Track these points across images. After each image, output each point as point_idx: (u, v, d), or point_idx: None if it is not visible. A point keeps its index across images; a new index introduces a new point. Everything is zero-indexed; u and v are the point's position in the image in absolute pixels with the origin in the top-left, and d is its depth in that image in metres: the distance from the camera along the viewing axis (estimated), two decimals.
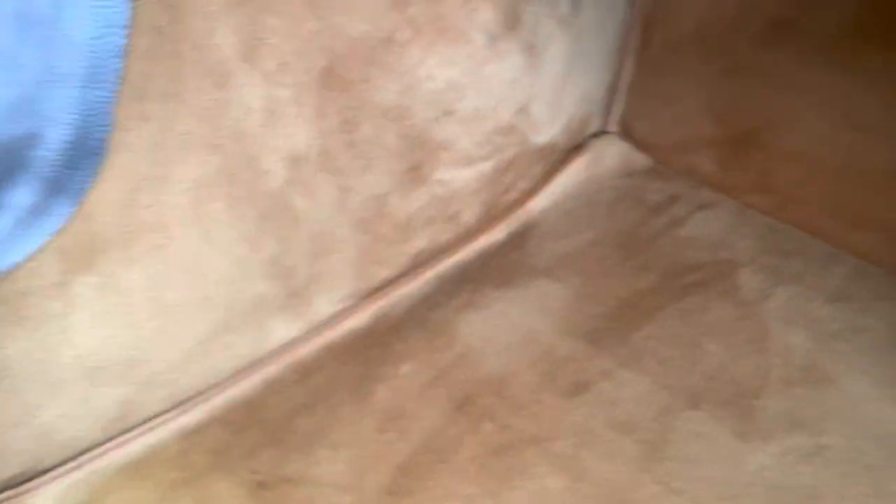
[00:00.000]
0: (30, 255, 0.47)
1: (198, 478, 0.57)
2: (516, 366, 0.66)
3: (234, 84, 0.51)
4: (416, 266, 0.72)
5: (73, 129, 0.45)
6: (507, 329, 0.69)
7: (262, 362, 0.63)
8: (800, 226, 0.79)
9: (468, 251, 0.75)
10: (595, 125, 0.86)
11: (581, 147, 0.85)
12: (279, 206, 0.58)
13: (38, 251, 0.47)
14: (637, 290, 0.73)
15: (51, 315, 0.49)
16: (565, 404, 0.63)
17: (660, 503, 0.56)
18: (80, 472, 0.55)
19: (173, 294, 0.55)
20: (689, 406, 0.63)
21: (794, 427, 0.62)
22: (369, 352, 0.67)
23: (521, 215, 0.80)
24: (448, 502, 0.55)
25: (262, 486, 0.57)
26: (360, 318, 0.68)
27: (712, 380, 0.65)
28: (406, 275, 0.71)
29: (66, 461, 0.55)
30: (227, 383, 0.61)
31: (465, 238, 0.76)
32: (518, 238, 0.78)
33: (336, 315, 0.67)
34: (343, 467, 0.58)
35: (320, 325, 0.66)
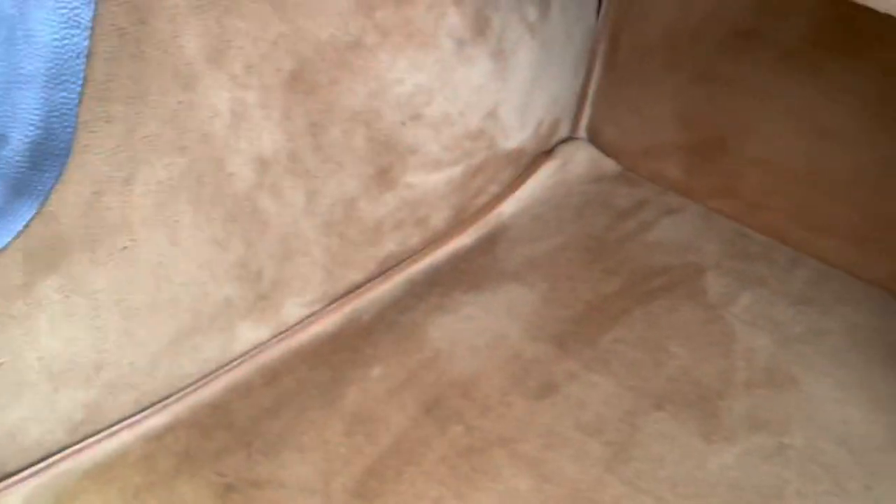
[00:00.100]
0: None
1: (164, 481, 0.56)
2: (485, 369, 0.66)
3: (199, 86, 0.51)
4: (385, 270, 0.72)
5: (37, 130, 0.45)
6: (476, 332, 0.70)
7: (230, 366, 0.63)
8: (764, 231, 0.81)
9: (438, 255, 0.76)
10: (564, 131, 0.87)
11: (550, 152, 0.86)
12: (246, 208, 0.58)
13: (1, 252, 0.46)
14: (604, 294, 0.74)
15: (14, 316, 0.49)
16: (533, 406, 0.64)
17: (625, 503, 0.57)
18: (45, 476, 0.54)
19: (139, 296, 0.55)
20: (655, 407, 0.64)
21: (757, 427, 0.63)
22: (338, 355, 0.67)
23: (491, 220, 0.80)
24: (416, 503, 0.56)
25: (229, 489, 0.56)
26: (329, 322, 0.69)
27: (677, 382, 0.66)
28: (375, 278, 0.72)
29: (31, 464, 0.54)
30: (193, 387, 0.61)
31: (434, 242, 0.76)
32: (487, 242, 0.79)
33: (305, 318, 0.67)
34: (310, 470, 0.58)
35: (289, 329, 0.66)
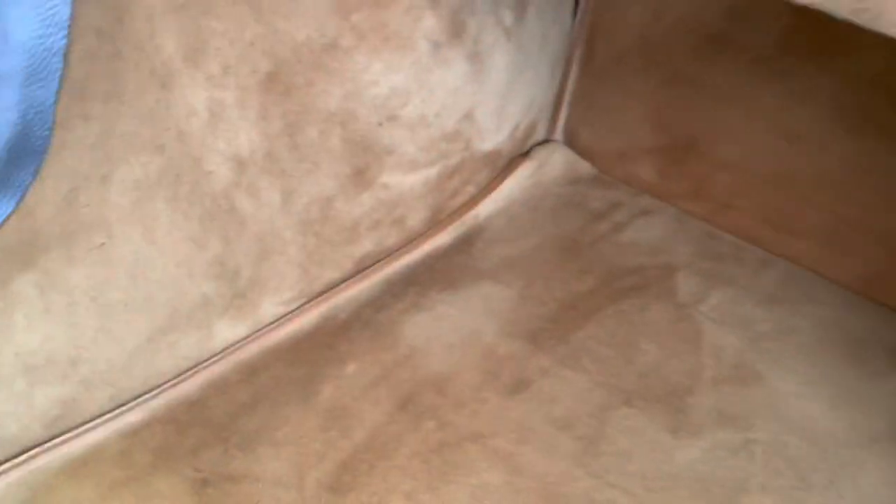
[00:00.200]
0: None
1: (140, 476, 0.57)
2: (459, 365, 0.68)
3: (176, 85, 0.52)
4: (362, 269, 0.73)
5: (14, 128, 0.45)
6: (452, 330, 0.71)
7: (207, 363, 0.64)
8: (735, 231, 0.83)
9: (415, 255, 0.77)
10: (540, 133, 0.89)
11: (527, 154, 0.87)
12: (223, 207, 0.59)
13: None
14: (578, 293, 0.75)
15: None
16: (506, 402, 0.65)
17: (594, 496, 0.58)
18: (21, 470, 0.55)
19: (116, 293, 0.55)
20: (624, 403, 0.65)
21: (724, 423, 0.64)
22: (315, 352, 0.68)
23: (468, 220, 0.82)
24: (388, 498, 0.57)
25: (205, 483, 0.57)
26: (306, 320, 0.69)
27: (647, 378, 0.67)
28: (352, 277, 0.73)
29: (8, 459, 0.55)
30: (170, 383, 0.62)
31: (411, 242, 0.77)
32: (464, 242, 0.80)
33: (282, 316, 0.68)
34: (285, 465, 0.59)
35: (266, 327, 0.67)
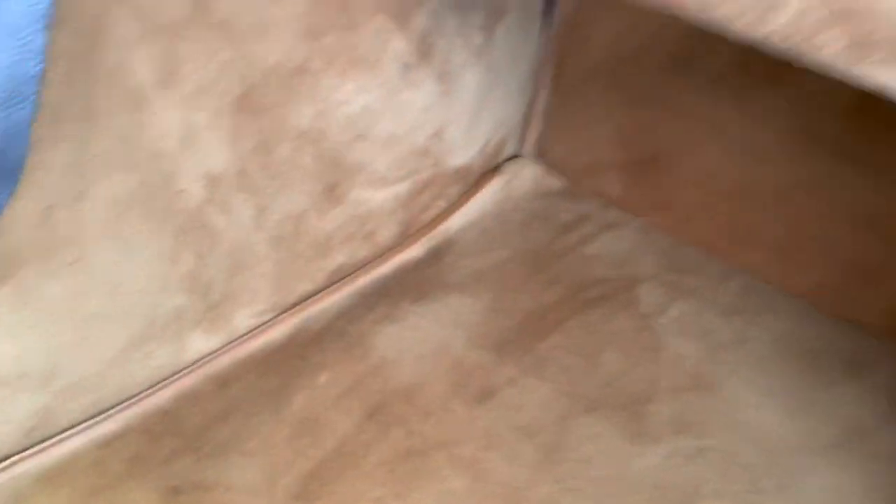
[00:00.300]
0: None
1: (114, 484, 0.59)
2: (428, 375, 0.70)
3: (149, 107, 0.54)
4: (334, 281, 0.75)
5: None
6: (422, 341, 0.73)
7: (181, 374, 0.65)
8: (697, 244, 0.85)
9: (386, 267, 0.79)
10: (511, 148, 0.91)
11: (497, 169, 0.90)
12: (197, 223, 0.61)
13: None
14: (544, 304, 0.78)
15: None
16: (472, 411, 0.67)
17: (555, 501, 0.61)
18: None
19: (91, 306, 0.57)
20: (586, 411, 0.68)
21: (681, 430, 0.67)
22: (287, 363, 0.69)
23: (439, 233, 0.84)
24: None
25: (177, 491, 0.59)
26: (278, 331, 0.71)
27: (608, 386, 0.70)
28: (325, 290, 0.75)
29: None
30: (145, 394, 0.64)
31: (382, 255, 0.79)
32: (435, 255, 0.82)
33: (255, 328, 0.70)
34: (256, 473, 0.60)
35: (239, 338, 0.69)
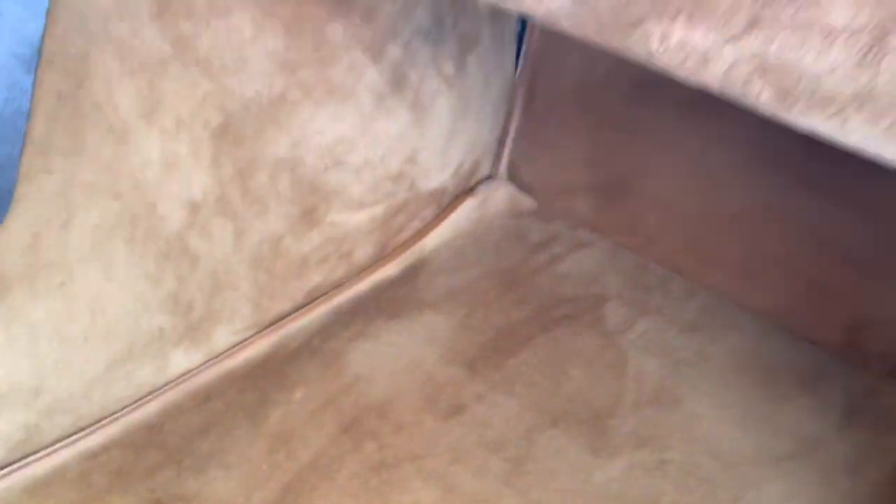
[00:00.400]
0: None
1: (99, 497, 0.61)
2: (400, 391, 0.73)
3: (132, 139, 0.57)
4: (311, 300, 0.78)
5: None
6: (395, 357, 0.76)
7: (163, 389, 0.68)
8: (663, 264, 0.89)
9: (362, 286, 0.82)
10: (484, 170, 0.94)
11: (471, 191, 0.93)
12: (178, 247, 0.64)
13: None
14: (514, 322, 0.81)
15: None
16: (442, 425, 0.70)
17: None
18: None
19: (76, 327, 0.60)
20: (551, 425, 0.71)
21: (641, 443, 0.70)
22: (265, 379, 0.72)
23: (414, 253, 0.87)
24: None
25: (158, 503, 0.62)
26: (257, 349, 0.74)
27: (573, 402, 0.73)
28: (302, 308, 0.78)
29: None
30: (128, 409, 0.66)
31: (359, 274, 0.82)
32: (410, 274, 0.86)
33: (234, 346, 0.73)
34: (234, 486, 0.63)
35: (219, 355, 0.72)
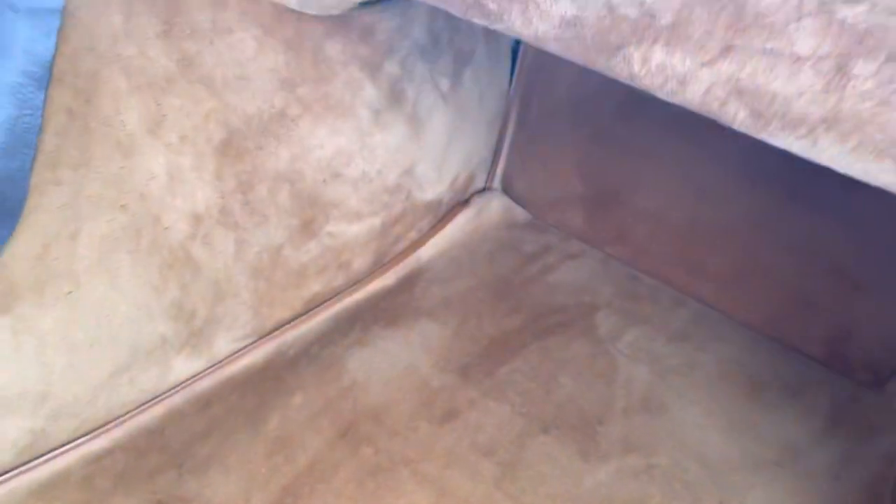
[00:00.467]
0: None
1: (103, 499, 0.63)
2: (396, 397, 0.75)
3: (138, 153, 0.59)
4: (310, 308, 0.80)
5: None
6: (391, 364, 0.78)
7: (165, 395, 0.70)
8: (652, 274, 0.91)
9: (360, 295, 0.84)
10: (479, 182, 0.97)
11: (467, 202, 0.95)
12: (181, 257, 0.66)
13: None
14: (507, 330, 0.83)
15: None
16: (436, 430, 0.72)
17: None
18: None
19: (82, 334, 0.62)
20: (542, 431, 0.73)
21: (630, 449, 0.72)
22: (265, 385, 0.74)
23: (410, 263, 0.89)
24: None
25: None
26: (257, 355, 0.76)
27: (564, 408, 0.75)
28: (301, 316, 0.80)
29: None
30: (131, 414, 0.68)
31: (356, 283, 0.84)
32: (406, 283, 0.88)
33: (235, 352, 0.75)
34: (234, 488, 0.65)
35: (220, 362, 0.74)
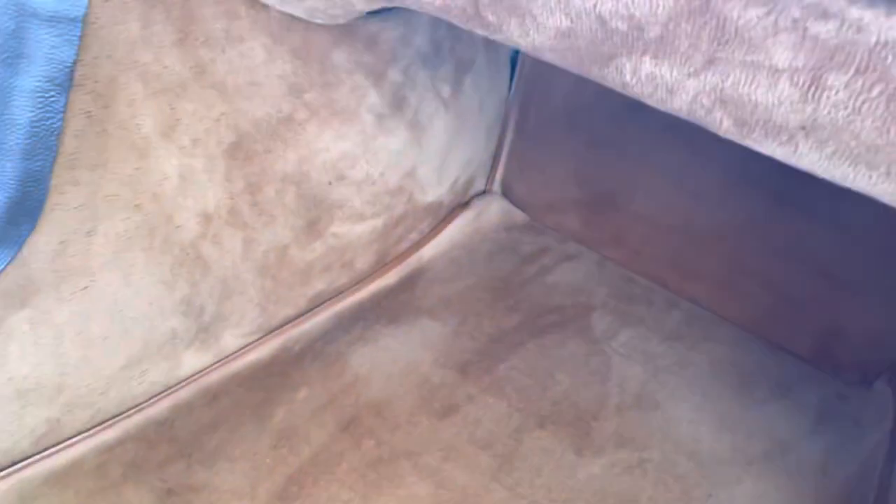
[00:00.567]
0: None
1: (113, 487, 0.66)
2: (397, 392, 0.77)
3: (152, 156, 0.62)
4: (315, 306, 0.83)
5: (15, 193, 0.55)
6: (392, 361, 0.81)
7: (175, 388, 0.73)
8: (647, 276, 0.94)
9: (363, 293, 0.87)
10: (479, 185, 0.99)
11: (467, 204, 0.98)
12: (191, 255, 0.69)
13: None
14: (505, 329, 0.86)
15: None
16: (436, 424, 0.75)
17: None
18: (11, 480, 0.63)
19: (96, 328, 0.64)
20: (538, 426, 0.75)
21: (623, 444, 0.75)
22: (271, 380, 0.77)
23: (412, 262, 0.92)
24: None
25: (170, 493, 0.66)
26: (263, 351, 0.79)
27: (559, 404, 0.78)
28: (305, 314, 0.82)
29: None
30: (142, 405, 0.71)
31: (359, 282, 0.87)
32: (408, 282, 0.90)
33: (242, 348, 0.78)
34: (240, 477, 0.68)
35: (228, 357, 0.77)
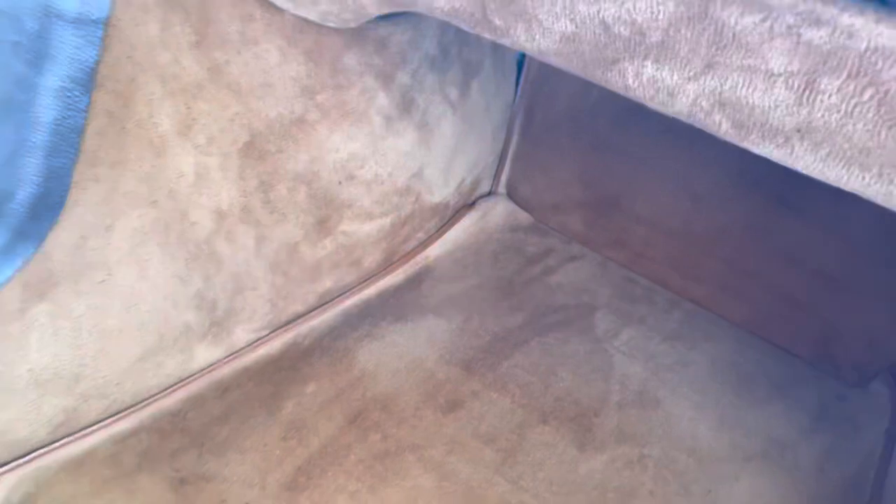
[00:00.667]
0: None
1: (127, 475, 0.68)
2: (403, 387, 0.79)
3: (169, 154, 0.64)
4: (323, 303, 0.85)
5: (38, 189, 0.57)
6: (398, 357, 0.83)
7: (188, 380, 0.75)
8: (649, 277, 0.95)
9: (370, 290, 0.89)
10: (485, 187, 1.01)
11: (472, 205, 1.00)
12: (205, 250, 0.71)
13: (4, 283, 0.58)
14: (509, 327, 0.88)
15: (10, 335, 0.60)
16: (441, 419, 0.77)
17: (508, 498, 0.70)
18: (28, 468, 0.65)
19: (113, 321, 0.67)
20: (541, 422, 0.77)
21: (624, 440, 0.76)
22: (280, 374, 0.79)
23: (418, 261, 0.94)
24: (336, 497, 0.68)
25: (182, 482, 0.68)
26: (273, 346, 0.81)
27: (562, 401, 0.79)
28: (315, 310, 0.84)
29: (18, 458, 0.65)
30: (156, 397, 0.73)
31: (367, 280, 0.89)
32: (414, 280, 0.92)
33: (253, 342, 0.80)
34: (250, 468, 0.70)
35: (239, 351, 0.79)
